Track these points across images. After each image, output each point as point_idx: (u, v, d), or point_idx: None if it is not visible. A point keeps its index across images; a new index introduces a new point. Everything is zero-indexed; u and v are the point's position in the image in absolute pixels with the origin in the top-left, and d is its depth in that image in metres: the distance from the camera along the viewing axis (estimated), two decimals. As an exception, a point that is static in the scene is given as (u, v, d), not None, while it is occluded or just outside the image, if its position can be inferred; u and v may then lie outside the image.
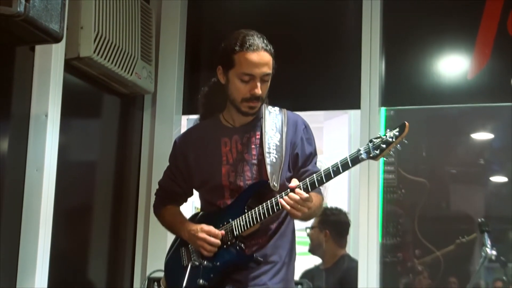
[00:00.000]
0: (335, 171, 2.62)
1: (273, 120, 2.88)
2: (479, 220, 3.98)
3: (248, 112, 2.84)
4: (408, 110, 4.53)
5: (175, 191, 3.05)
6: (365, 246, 4.22)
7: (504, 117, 4.57)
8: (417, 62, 4.43)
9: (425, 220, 4.62)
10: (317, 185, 2.65)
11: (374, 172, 4.26)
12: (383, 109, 4.41)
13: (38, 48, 3.61)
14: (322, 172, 2.64)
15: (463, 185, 4.79)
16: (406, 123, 2.58)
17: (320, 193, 2.87)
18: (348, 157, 2.62)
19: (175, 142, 3.06)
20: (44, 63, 3.63)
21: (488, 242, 3.86)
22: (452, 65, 4.43)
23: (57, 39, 3.20)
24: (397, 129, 2.58)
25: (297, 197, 2.62)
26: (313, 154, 2.92)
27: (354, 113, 4.55)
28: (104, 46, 3.95)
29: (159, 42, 4.65)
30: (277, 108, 2.94)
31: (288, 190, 2.66)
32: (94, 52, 3.86)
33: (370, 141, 2.61)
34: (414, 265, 4.66)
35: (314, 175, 2.65)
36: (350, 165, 2.61)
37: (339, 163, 2.62)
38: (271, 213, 2.71)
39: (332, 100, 4.57)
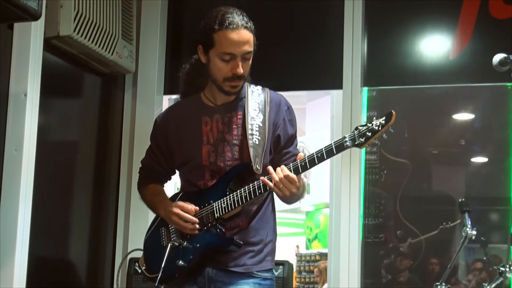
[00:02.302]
0: (319, 157, 2.60)
1: (256, 99, 2.85)
2: (460, 200, 4.00)
3: (231, 91, 2.81)
4: (390, 90, 4.54)
5: (157, 170, 3.02)
6: (346, 226, 4.23)
7: (485, 97, 4.59)
8: (399, 42, 4.43)
9: (406, 201, 4.63)
10: (300, 171, 2.63)
11: (356, 153, 4.26)
12: (365, 89, 4.41)
13: (17, 26, 3.57)
14: (307, 158, 2.62)
15: (444, 166, 4.81)
16: (393, 112, 2.55)
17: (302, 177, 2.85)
18: (333, 144, 2.59)
19: (155, 121, 3.03)
20: (23, 41, 3.60)
21: (469, 222, 3.88)
22: (434, 45, 4.43)
23: (35, 17, 3.16)
24: (384, 118, 2.55)
25: (281, 174, 2.61)
26: (294, 136, 2.90)
27: (336, 94, 4.54)
28: (84, 24, 3.91)
29: (140, 21, 4.61)
30: (259, 87, 2.91)
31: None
32: (74, 31, 3.83)
33: (356, 128, 2.58)
34: (396, 246, 4.69)
35: (298, 160, 2.63)
36: (335, 152, 2.59)
37: (323, 149, 2.60)
38: (252, 197, 2.69)
39: (314, 80, 4.56)
